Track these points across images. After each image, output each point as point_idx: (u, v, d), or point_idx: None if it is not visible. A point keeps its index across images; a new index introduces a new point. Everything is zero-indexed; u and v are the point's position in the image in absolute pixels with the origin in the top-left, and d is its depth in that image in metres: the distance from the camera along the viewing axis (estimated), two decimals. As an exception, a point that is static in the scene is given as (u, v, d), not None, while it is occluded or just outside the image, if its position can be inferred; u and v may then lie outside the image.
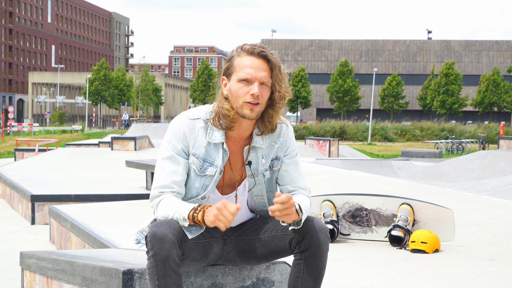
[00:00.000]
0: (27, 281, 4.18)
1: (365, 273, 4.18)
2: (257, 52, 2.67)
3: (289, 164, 2.84)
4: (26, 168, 12.08)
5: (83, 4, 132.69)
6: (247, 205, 2.88)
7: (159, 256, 2.49)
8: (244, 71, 2.66)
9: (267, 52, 2.68)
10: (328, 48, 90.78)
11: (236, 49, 2.72)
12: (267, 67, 2.68)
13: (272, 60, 2.68)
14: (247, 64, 2.66)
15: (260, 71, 2.66)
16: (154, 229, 2.52)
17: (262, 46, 2.69)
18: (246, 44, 2.71)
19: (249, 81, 2.65)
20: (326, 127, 47.65)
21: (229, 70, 2.71)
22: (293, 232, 2.66)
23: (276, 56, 2.71)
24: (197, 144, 2.73)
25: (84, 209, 6.78)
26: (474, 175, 17.36)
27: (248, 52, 2.68)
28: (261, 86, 2.66)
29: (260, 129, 2.77)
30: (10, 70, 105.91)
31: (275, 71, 2.69)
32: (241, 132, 2.76)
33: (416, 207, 5.10)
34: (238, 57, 2.70)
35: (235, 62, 2.69)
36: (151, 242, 2.51)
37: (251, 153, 2.78)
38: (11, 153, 25.95)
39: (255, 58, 2.67)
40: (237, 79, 2.67)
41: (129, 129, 34.86)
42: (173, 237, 2.51)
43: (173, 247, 2.49)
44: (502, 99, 73.91)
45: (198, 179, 2.74)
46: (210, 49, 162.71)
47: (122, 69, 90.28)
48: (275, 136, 2.81)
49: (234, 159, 2.78)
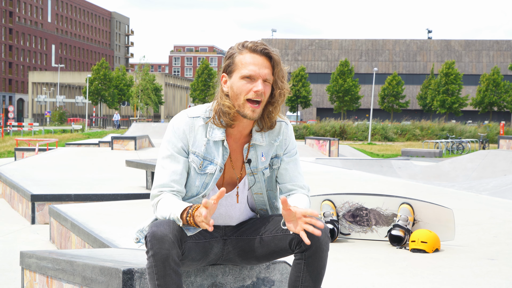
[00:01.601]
0: (27, 281, 4.18)
1: (365, 273, 4.18)
2: (260, 49, 2.67)
3: (288, 162, 2.84)
4: (26, 168, 12.08)
5: (83, 3, 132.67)
6: (248, 204, 2.88)
7: (159, 256, 2.48)
8: (247, 68, 2.65)
9: (270, 50, 2.69)
10: (328, 47, 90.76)
11: (237, 46, 2.71)
12: (269, 64, 2.69)
13: (274, 58, 2.69)
14: (250, 61, 2.66)
15: (263, 68, 2.66)
16: (153, 228, 2.52)
17: (264, 43, 2.70)
18: (247, 42, 2.71)
19: (253, 78, 2.65)
20: (326, 127, 47.65)
21: (230, 67, 2.70)
22: (294, 232, 2.65)
23: (277, 53, 2.71)
24: (197, 142, 2.72)
25: (84, 208, 6.78)
26: (474, 174, 17.36)
27: (251, 49, 2.68)
28: (264, 83, 2.67)
29: (259, 126, 2.77)
30: (10, 69, 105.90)
31: (277, 69, 2.70)
32: (241, 129, 2.75)
33: (416, 206, 5.10)
34: (240, 55, 2.69)
35: (237, 59, 2.68)
36: (150, 242, 2.51)
37: (250, 151, 2.78)
38: (11, 152, 25.95)
39: (257, 56, 2.67)
40: (240, 76, 2.66)
41: (129, 128, 34.86)
42: (173, 236, 2.50)
43: (172, 247, 2.49)
44: (502, 98, 73.92)
45: (199, 177, 2.74)
46: (210, 49, 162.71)
47: (122, 69, 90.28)
48: (275, 134, 2.81)
49: (235, 156, 2.78)
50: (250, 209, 2.90)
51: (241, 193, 2.82)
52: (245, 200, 2.84)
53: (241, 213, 2.84)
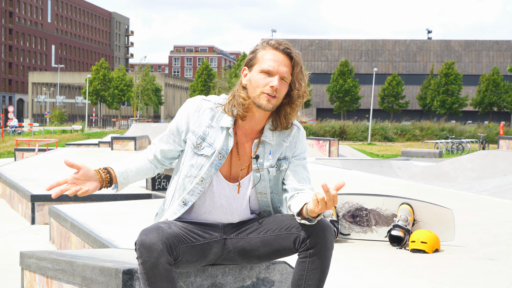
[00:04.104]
0: (27, 281, 4.18)
1: (365, 273, 4.18)
2: (282, 48, 2.74)
3: (297, 165, 2.86)
4: (26, 168, 12.08)
5: (83, 4, 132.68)
6: (249, 205, 2.87)
7: (148, 264, 2.52)
8: (267, 63, 2.71)
9: (292, 50, 2.75)
10: (328, 48, 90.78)
11: (261, 43, 2.78)
12: (289, 63, 2.74)
13: (295, 58, 2.75)
14: (270, 57, 2.72)
15: (282, 66, 2.71)
16: (142, 237, 2.55)
17: (287, 43, 2.76)
18: (272, 39, 2.77)
19: (271, 73, 2.70)
20: (326, 127, 47.68)
21: (251, 61, 2.77)
22: (300, 231, 2.65)
23: (299, 55, 2.77)
24: (198, 122, 2.77)
25: (84, 209, 6.78)
26: (474, 175, 17.35)
27: (273, 46, 2.74)
28: (281, 81, 2.71)
29: (273, 125, 2.80)
30: (10, 70, 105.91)
31: (296, 69, 2.75)
32: (253, 124, 2.78)
33: (416, 207, 5.10)
34: (263, 50, 2.75)
35: (259, 54, 2.75)
36: (139, 251, 2.54)
37: (259, 148, 2.80)
38: (11, 153, 25.95)
39: (279, 53, 2.73)
40: (259, 70, 2.72)
41: (129, 129, 34.85)
42: (162, 244, 2.53)
43: (161, 255, 2.52)
44: (502, 99, 73.95)
45: (195, 157, 2.78)
46: (210, 49, 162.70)
47: (122, 69, 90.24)
48: (285, 134, 2.84)
49: (243, 150, 2.80)
50: (253, 212, 2.90)
51: (243, 187, 2.82)
52: (247, 196, 2.83)
53: (242, 209, 2.83)
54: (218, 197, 2.79)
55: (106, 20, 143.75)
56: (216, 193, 2.79)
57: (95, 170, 2.71)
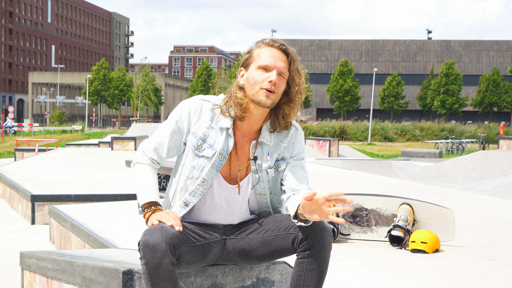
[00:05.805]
0: (27, 281, 4.18)
1: (365, 273, 4.18)
2: (277, 45, 2.75)
3: (295, 165, 2.85)
4: (26, 168, 12.08)
5: (83, 4, 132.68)
6: (248, 205, 2.87)
7: (151, 265, 2.51)
8: (264, 59, 2.72)
9: (287, 46, 2.76)
10: (328, 48, 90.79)
11: (256, 43, 2.79)
12: (286, 59, 2.75)
13: (291, 54, 2.75)
14: (267, 54, 2.73)
15: (279, 61, 2.72)
16: (146, 237, 2.54)
17: (282, 41, 2.78)
18: (266, 38, 2.79)
19: (268, 68, 2.71)
20: (326, 127, 47.66)
21: (248, 60, 2.77)
22: (298, 231, 2.65)
23: (295, 51, 2.78)
24: (198, 124, 2.77)
25: (84, 209, 6.78)
26: (474, 175, 17.34)
27: (269, 44, 2.76)
28: (279, 76, 2.72)
29: (272, 126, 2.80)
30: (10, 70, 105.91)
31: (293, 65, 2.75)
32: (251, 123, 2.78)
33: (416, 207, 5.10)
34: (258, 49, 2.76)
35: (255, 53, 2.76)
36: (143, 251, 2.53)
37: (257, 149, 2.80)
38: (11, 153, 25.94)
39: (275, 49, 2.74)
40: (256, 67, 2.72)
41: (129, 129, 34.86)
42: (165, 244, 2.52)
43: (165, 255, 2.51)
44: (502, 99, 73.97)
45: (195, 158, 2.77)
46: (210, 49, 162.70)
47: (123, 69, 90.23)
48: (283, 135, 2.83)
49: (241, 151, 2.80)
50: (252, 212, 2.90)
51: (243, 188, 2.82)
52: (246, 197, 2.83)
53: (242, 211, 2.83)
54: (218, 198, 2.79)
55: (106, 20, 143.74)
56: (216, 194, 2.79)
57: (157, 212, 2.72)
